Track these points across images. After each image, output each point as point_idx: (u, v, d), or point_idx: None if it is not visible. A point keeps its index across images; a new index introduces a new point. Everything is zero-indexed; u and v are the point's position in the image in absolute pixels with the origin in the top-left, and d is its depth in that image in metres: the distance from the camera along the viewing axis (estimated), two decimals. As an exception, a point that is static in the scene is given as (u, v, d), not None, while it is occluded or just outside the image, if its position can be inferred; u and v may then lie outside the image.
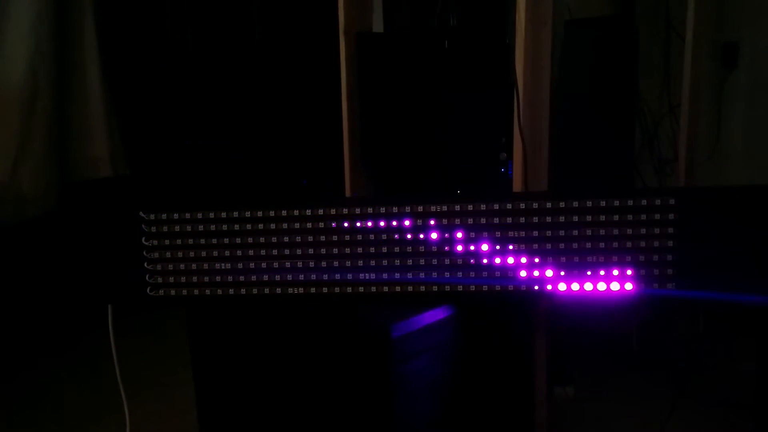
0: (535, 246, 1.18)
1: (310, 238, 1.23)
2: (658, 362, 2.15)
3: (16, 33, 2.42)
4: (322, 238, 1.23)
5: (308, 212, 1.23)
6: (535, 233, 1.18)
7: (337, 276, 1.23)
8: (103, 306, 1.36)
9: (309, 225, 1.23)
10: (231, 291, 1.26)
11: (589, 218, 1.16)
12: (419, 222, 1.20)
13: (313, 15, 2.95)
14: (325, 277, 1.23)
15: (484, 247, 1.19)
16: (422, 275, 1.21)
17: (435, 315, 1.23)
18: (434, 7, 1.71)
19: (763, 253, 1.14)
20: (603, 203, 1.16)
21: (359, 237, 1.22)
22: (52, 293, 2.45)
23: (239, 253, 1.25)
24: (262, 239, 1.25)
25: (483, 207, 1.18)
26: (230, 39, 3.05)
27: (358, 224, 1.21)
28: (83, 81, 2.65)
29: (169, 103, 2.98)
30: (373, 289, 1.23)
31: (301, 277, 1.24)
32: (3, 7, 2.40)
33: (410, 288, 1.22)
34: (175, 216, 1.26)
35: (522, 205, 1.18)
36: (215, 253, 1.26)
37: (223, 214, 1.25)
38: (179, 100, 2.99)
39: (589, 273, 1.17)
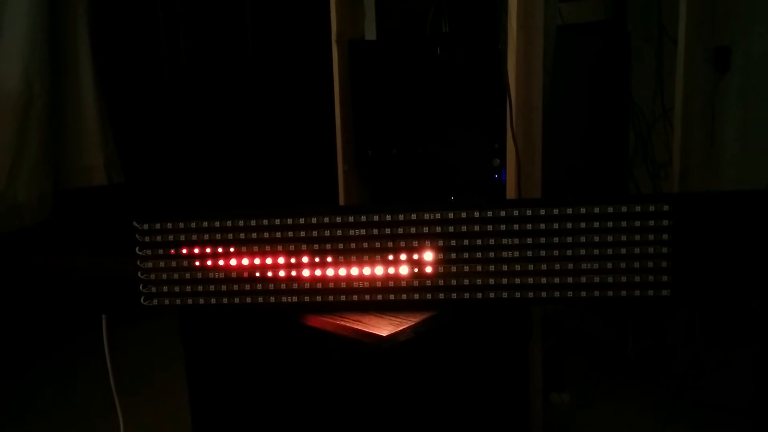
0: (530, 253, 1.18)
1: (304, 247, 1.23)
2: (655, 368, 2.15)
3: (10, 42, 2.42)
4: (316, 246, 1.22)
5: (302, 221, 1.22)
6: (529, 240, 1.18)
7: (331, 284, 1.23)
8: (97, 315, 1.36)
9: (303, 233, 1.23)
10: (225, 300, 1.26)
11: (583, 225, 1.16)
12: (413, 230, 1.20)
13: (306, 23, 2.96)
14: (319, 285, 1.23)
15: (478, 254, 1.19)
16: (416, 283, 1.21)
17: (429, 323, 1.22)
18: (426, 14, 1.71)
19: (758, 258, 1.15)
20: (597, 210, 1.16)
21: (353, 245, 1.21)
22: (47, 302, 2.44)
23: (233, 262, 1.25)
24: (255, 248, 1.24)
25: (477, 214, 1.18)
26: (224, 47, 3.05)
27: (352, 232, 1.21)
28: (77, 90, 2.65)
29: (163, 111, 2.99)
30: (367, 297, 1.22)
31: (295, 285, 1.24)
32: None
33: (404, 296, 1.22)
34: (169, 225, 1.26)
35: (516, 212, 1.17)
36: (209, 262, 1.26)
37: (217, 224, 1.25)
38: (174, 108, 2.99)
39: (583, 279, 1.17)
